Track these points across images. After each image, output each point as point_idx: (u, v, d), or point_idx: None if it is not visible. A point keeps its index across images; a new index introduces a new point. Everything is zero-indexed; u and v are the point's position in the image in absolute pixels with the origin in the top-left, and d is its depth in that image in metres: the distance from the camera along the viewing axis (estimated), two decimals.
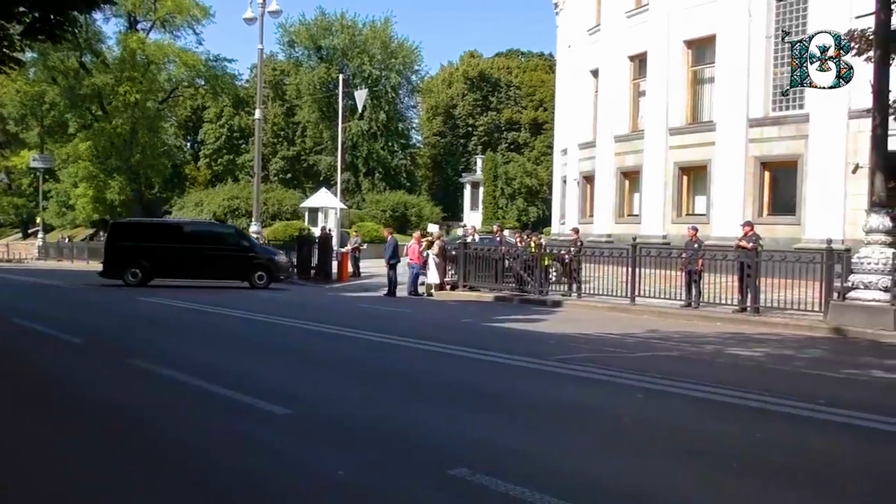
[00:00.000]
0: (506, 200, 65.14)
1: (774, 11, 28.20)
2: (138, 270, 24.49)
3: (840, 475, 5.80)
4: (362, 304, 20.67)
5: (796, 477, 5.68)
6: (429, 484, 5.32)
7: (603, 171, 35.00)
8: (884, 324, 14.13)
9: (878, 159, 15.11)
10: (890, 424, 7.15)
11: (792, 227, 26.78)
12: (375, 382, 9.34)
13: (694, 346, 12.70)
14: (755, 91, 28.58)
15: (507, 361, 10.66)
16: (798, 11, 27.84)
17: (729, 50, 29.20)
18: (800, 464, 6.03)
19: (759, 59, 28.43)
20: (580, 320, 16.66)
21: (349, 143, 60.72)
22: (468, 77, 76.59)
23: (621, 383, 9.11)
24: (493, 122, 75.48)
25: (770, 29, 28.37)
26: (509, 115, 75.25)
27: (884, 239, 14.76)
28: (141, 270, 24.52)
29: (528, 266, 21.41)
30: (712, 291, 17.85)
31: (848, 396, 8.68)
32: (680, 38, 31.36)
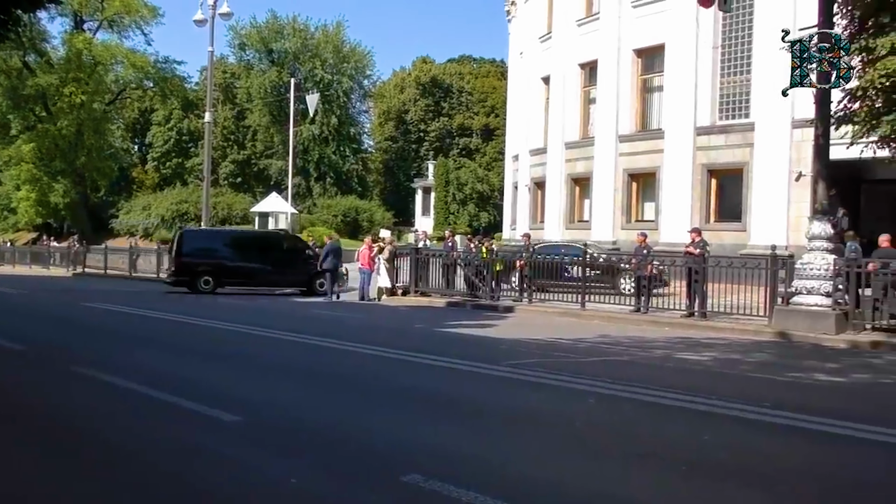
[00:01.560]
0: (457, 206, 65.24)
1: (721, 23, 28.76)
2: (210, 279, 24.57)
3: (787, 476, 5.90)
4: (313, 309, 20.50)
5: (744, 478, 5.76)
6: (381, 490, 5.28)
7: (554, 177, 35.29)
8: (825, 328, 14.45)
9: (821, 168, 15.45)
10: (834, 426, 7.30)
11: (738, 234, 27.31)
12: (327, 388, 9.25)
13: (644, 351, 12.83)
14: (702, 100, 29.11)
15: (459, 366, 10.64)
16: (744, 23, 28.43)
17: (677, 59, 29.69)
18: (748, 465, 6.12)
19: (706, 69, 28.96)
20: (532, 325, 16.72)
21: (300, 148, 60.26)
22: (420, 82, 76.63)
23: (573, 388, 9.15)
24: (445, 128, 75.61)
25: (717, 40, 28.92)
26: (461, 121, 75.46)
27: (825, 245, 15.08)
28: (212, 278, 24.60)
29: (479, 271, 21.44)
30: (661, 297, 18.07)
31: (793, 399, 8.85)
32: (630, 47, 31.80)
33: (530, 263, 20.50)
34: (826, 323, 14.51)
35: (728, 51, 28.99)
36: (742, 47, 28.57)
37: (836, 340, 14.11)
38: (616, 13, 32.14)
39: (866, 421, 7.48)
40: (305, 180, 63.35)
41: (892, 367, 11.85)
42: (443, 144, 75.44)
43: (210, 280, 24.62)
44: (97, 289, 27.13)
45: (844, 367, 11.55)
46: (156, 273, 33.73)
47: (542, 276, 20.25)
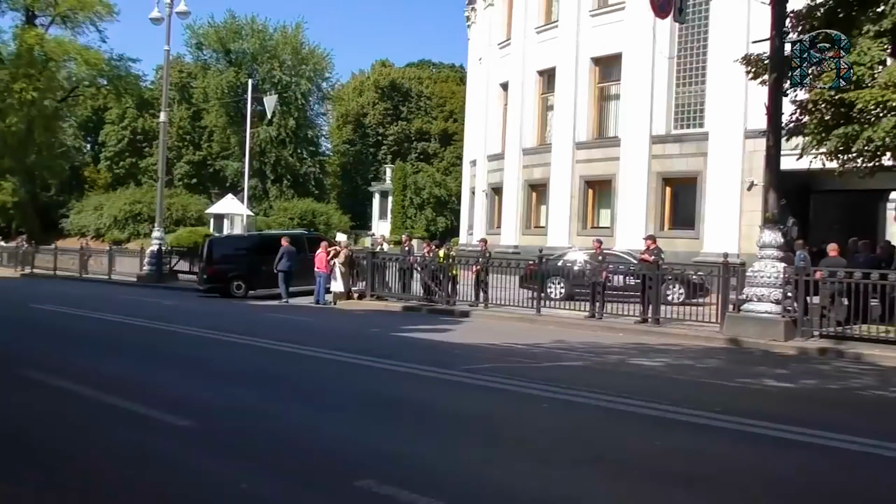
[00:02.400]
0: (415, 210, 65.21)
1: (677, 34, 29.19)
2: (242, 283, 24.46)
3: (735, 480, 6.01)
4: (268, 312, 20.33)
5: (694, 482, 5.86)
6: (335, 495, 5.26)
7: (511, 183, 35.48)
8: (775, 334, 14.71)
9: (772, 178, 15.73)
10: (781, 431, 7.45)
11: (691, 241, 27.71)
12: (281, 392, 9.19)
13: (598, 357, 12.95)
14: (658, 109, 29.51)
15: (414, 371, 10.65)
16: (699, 35, 28.91)
17: (634, 68, 30.06)
18: (698, 470, 6.22)
19: (662, 79, 29.37)
20: (487, 330, 16.77)
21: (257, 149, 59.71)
22: (379, 86, 76.46)
23: (527, 393, 9.21)
24: (404, 132, 75.52)
25: (672, 50, 29.35)
26: (419, 126, 75.45)
27: (776, 254, 15.35)
28: (244, 283, 24.46)
29: (435, 276, 21.45)
30: (615, 303, 18.25)
31: (742, 404, 9.01)
32: (587, 55, 32.12)
33: (563, 272, 20.14)
34: (776, 330, 14.77)
35: (683, 61, 29.44)
36: (697, 58, 29.05)
37: (785, 347, 14.38)
38: (574, 21, 32.46)
39: (812, 425, 7.65)
40: (262, 182, 62.79)
41: (838, 373, 12.12)
42: (401, 149, 75.33)
43: (242, 285, 24.64)
44: (47, 290, 26.59)
45: (793, 374, 11.78)
46: (107, 274, 33.19)
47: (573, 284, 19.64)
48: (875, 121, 14.00)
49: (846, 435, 7.29)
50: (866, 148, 14.36)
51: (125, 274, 32.34)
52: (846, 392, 10.52)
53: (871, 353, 13.44)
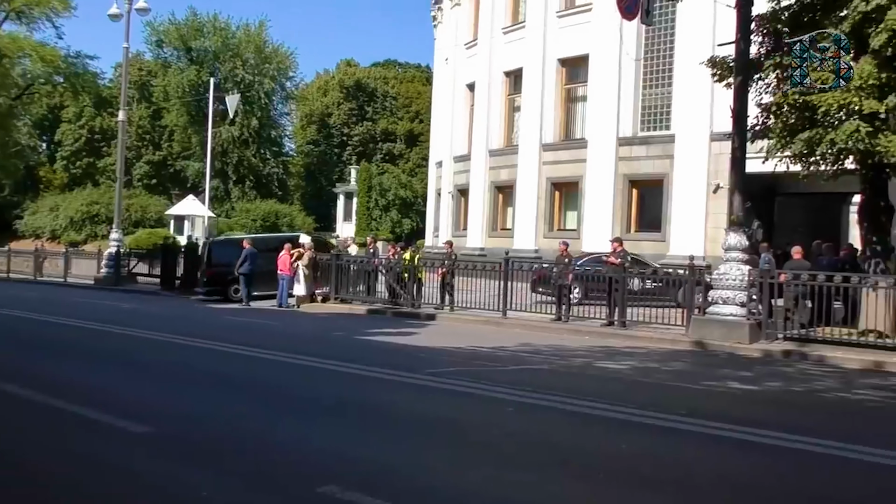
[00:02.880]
0: (380, 212, 65.07)
1: (643, 36, 29.46)
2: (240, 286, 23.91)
3: (702, 483, 6.06)
4: (230, 316, 20.15)
5: (660, 486, 5.90)
6: (297, 502, 5.22)
7: (477, 184, 35.56)
8: (740, 337, 14.89)
9: (737, 180, 15.93)
10: (746, 434, 7.53)
11: (658, 244, 27.96)
12: (242, 397, 9.11)
13: (564, 360, 13.01)
14: (625, 111, 29.75)
15: (378, 375, 10.61)
16: (666, 37, 29.20)
17: (600, 70, 30.28)
18: (663, 473, 6.27)
19: (628, 81, 29.62)
20: (453, 334, 16.78)
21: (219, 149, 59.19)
22: (344, 86, 76.19)
23: (492, 396, 9.21)
24: (369, 133, 75.33)
25: (639, 52, 29.62)
26: (385, 126, 75.31)
27: (741, 256, 15.54)
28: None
29: (401, 278, 21.42)
30: (581, 305, 18.34)
31: (707, 407, 9.10)
32: (554, 57, 32.30)
33: (582, 276, 19.84)
34: (741, 332, 14.95)
35: (650, 63, 29.73)
36: (663, 60, 29.34)
37: (750, 349, 14.56)
38: (541, 22, 32.63)
39: (777, 428, 7.74)
40: (224, 183, 62.25)
41: (802, 375, 12.29)
42: (366, 149, 75.14)
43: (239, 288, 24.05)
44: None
45: (757, 376, 11.93)
46: (63, 277, 32.67)
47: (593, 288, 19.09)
48: (838, 124, 14.22)
49: (810, 437, 7.39)
50: (829, 151, 14.59)
51: (82, 276, 31.87)
52: (810, 394, 10.67)
53: (833, 356, 13.66)
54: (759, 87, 16.60)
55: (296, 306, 22.46)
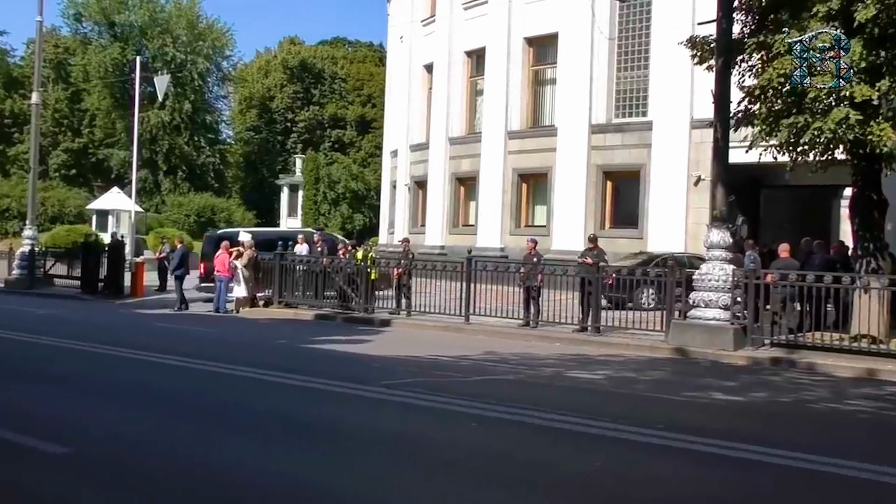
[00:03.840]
0: (328, 206, 64.80)
1: (618, 13, 29.69)
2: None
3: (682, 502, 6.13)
4: (159, 322, 19.94)
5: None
6: None
7: (436, 176, 35.56)
8: (724, 343, 15.08)
9: (720, 171, 16.13)
10: (729, 448, 7.64)
11: (634, 241, 28.15)
12: (172, 413, 9.02)
13: (532, 369, 13.08)
14: (598, 95, 29.92)
15: (326, 387, 10.58)
16: (642, 14, 29.45)
17: (571, 50, 30.41)
18: (638, 492, 6.33)
19: (602, 62, 29.80)
20: (410, 341, 16.77)
21: (147, 136, 58.51)
22: (288, 66, 75.74)
23: (454, 410, 9.24)
24: (316, 118, 74.99)
25: (614, 31, 29.83)
26: (334, 111, 75.03)
27: (724, 255, 15.73)
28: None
29: (352, 280, 21.35)
30: (552, 310, 18.46)
31: (688, 420, 9.22)
32: (520, 35, 32.40)
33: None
34: (724, 338, 15.13)
35: (625, 43, 29.94)
36: (640, 40, 29.56)
37: (734, 357, 14.76)
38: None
39: (762, 442, 7.86)
40: (153, 174, 61.56)
41: (790, 384, 12.50)
42: (313, 137, 74.79)
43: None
44: None
45: (742, 386, 12.10)
46: None
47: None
48: (827, 111, 14.42)
49: (798, 452, 7.52)
50: (817, 140, 14.79)
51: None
52: (798, 405, 10.85)
53: (824, 363, 13.90)
54: (742, 69, 16.80)
55: (235, 311, 22.29)
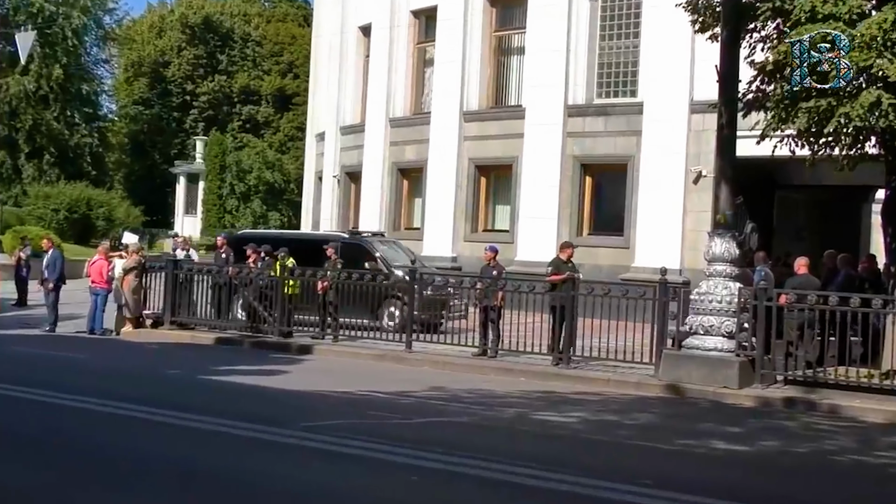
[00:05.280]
0: (237, 201, 64.38)
1: None
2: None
3: None
4: (18, 346, 19.65)
5: None
6: None
7: (373, 166, 35.43)
8: (727, 379, 15.16)
9: (725, 167, 16.25)
10: None
11: (619, 251, 28.31)
12: (32, 463, 8.89)
13: (490, 410, 13.09)
14: (577, 70, 30.01)
15: (230, 431, 10.50)
16: None
17: (543, 13, 30.44)
18: None
19: (582, 29, 29.92)
20: (337, 372, 16.72)
21: (5, 109, 57.70)
22: (188, 24, 75.19)
23: (390, 461, 9.21)
24: (223, 91, 74.49)
25: None
26: (245, 82, 74.58)
27: (729, 270, 15.80)
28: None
29: (265, 295, 21.21)
30: (515, 335, 18.50)
31: (682, 474, 9.28)
32: None
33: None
34: (728, 373, 15.24)
35: (611, 5, 30.10)
36: (629, 2, 29.63)
37: (740, 396, 14.89)
38: None
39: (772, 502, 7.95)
40: (12, 157, 60.66)
41: (808, 431, 12.65)
42: (218, 114, 74.29)
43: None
44: None
45: (749, 432, 12.23)
46: None
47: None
48: (855, 93, 14.60)
49: None
50: (844, 129, 14.96)
51: None
52: (818, 457, 10.99)
53: (850, 405, 14.09)
54: (753, 40, 17.00)
55: (114, 333, 22.05)
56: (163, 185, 72.23)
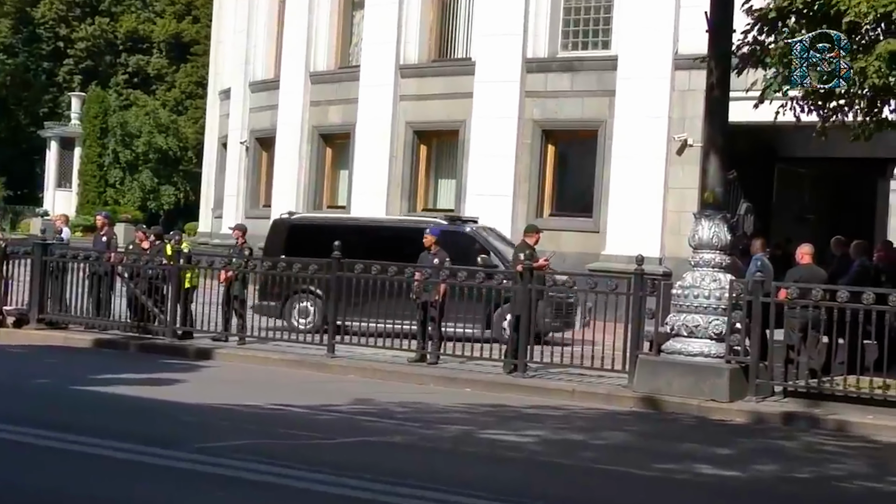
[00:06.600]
0: (122, 172, 63.98)
1: None
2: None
3: None
4: None
5: None
6: None
7: (289, 130, 35.32)
8: (715, 391, 15.19)
9: (715, 134, 16.30)
10: None
11: (587, 236, 28.43)
12: None
13: (429, 428, 13.08)
14: (537, 16, 30.06)
15: (109, 454, 10.39)
16: None
17: None
18: None
19: None
20: (244, 382, 16.67)
21: None
22: None
23: (305, 489, 9.20)
24: (104, 37, 73.95)
25: None
26: (133, 26, 74.06)
27: (718, 259, 15.85)
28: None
29: (156, 289, 21.08)
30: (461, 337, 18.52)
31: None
32: None
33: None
34: (716, 383, 15.29)
35: None
36: None
37: (730, 411, 14.97)
38: None
39: None
40: None
41: (810, 452, 12.77)
42: (98, 65, 73.78)
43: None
44: None
45: (741, 454, 12.33)
46: None
47: None
48: (871, 44, 14.68)
49: None
50: (858, 90, 15.05)
51: None
52: (822, 484, 11.10)
53: (861, 422, 14.23)
54: None
55: None
56: (29, 152, 71.60)
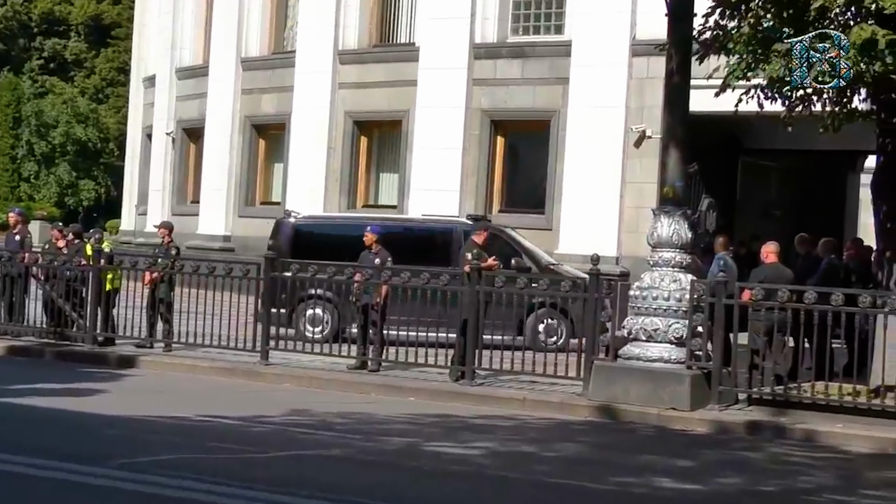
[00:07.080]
0: (37, 165, 63.64)
1: None
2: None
3: None
4: None
5: None
6: None
7: (219, 120, 35.23)
8: (675, 398, 15.28)
9: (675, 125, 16.39)
10: None
11: (539, 234, 28.46)
12: None
13: (370, 440, 13.10)
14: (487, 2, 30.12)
15: (23, 471, 10.31)
16: None
17: None
18: None
19: None
20: (170, 391, 16.63)
21: None
22: None
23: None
24: (17, 18, 73.47)
25: None
26: (48, 7, 73.66)
27: (678, 258, 15.94)
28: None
29: (74, 291, 20.96)
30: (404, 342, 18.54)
31: None
32: None
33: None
34: (676, 390, 15.39)
35: None
36: None
37: (691, 420, 15.06)
38: None
39: None
40: None
41: (777, 464, 12.85)
42: (11, 49, 73.30)
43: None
44: None
45: (703, 466, 12.43)
46: None
47: None
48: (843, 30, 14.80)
49: None
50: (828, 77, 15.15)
51: None
52: (789, 497, 11.20)
53: (830, 431, 14.35)
54: None
55: None
56: None
